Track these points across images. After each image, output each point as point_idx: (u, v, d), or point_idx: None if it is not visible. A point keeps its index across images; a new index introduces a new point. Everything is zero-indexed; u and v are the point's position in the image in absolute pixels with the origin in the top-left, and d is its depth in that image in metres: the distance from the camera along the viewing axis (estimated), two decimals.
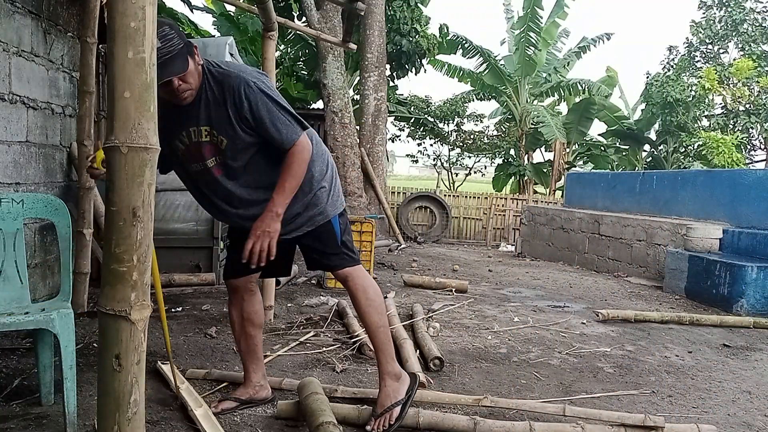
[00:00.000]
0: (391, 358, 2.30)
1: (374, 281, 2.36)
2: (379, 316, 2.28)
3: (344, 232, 2.33)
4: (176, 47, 1.99)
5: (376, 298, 2.28)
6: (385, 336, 2.28)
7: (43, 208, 2.46)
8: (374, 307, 2.27)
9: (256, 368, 2.47)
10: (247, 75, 2.12)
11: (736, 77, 14.91)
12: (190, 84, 2.08)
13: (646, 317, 4.45)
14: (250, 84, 2.08)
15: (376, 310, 2.27)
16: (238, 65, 2.22)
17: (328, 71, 8.87)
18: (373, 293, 2.28)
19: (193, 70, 2.09)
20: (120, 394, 1.24)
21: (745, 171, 8.66)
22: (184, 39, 2.07)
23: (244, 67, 2.21)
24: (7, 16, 3.28)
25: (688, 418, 2.58)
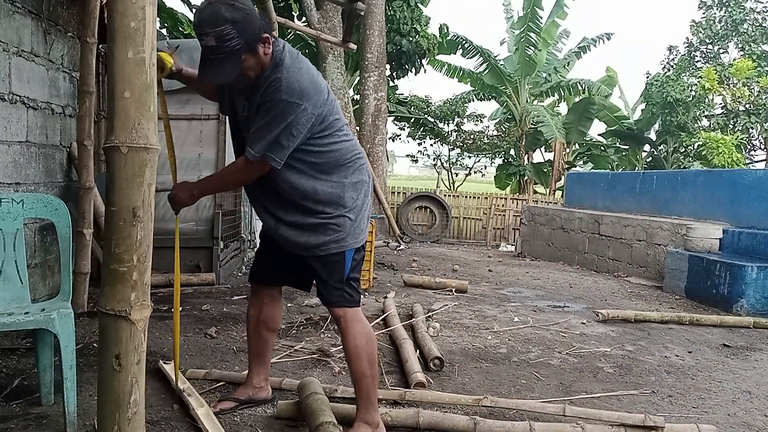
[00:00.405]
0: (373, 408, 2.15)
1: (369, 327, 2.19)
2: (367, 365, 2.12)
3: (354, 269, 2.18)
4: (232, 48, 1.92)
5: (366, 346, 2.13)
6: (370, 386, 2.14)
7: (43, 208, 2.46)
8: (363, 355, 2.12)
9: (260, 371, 2.45)
10: (287, 86, 2.00)
11: (736, 77, 14.91)
12: (249, 76, 2.04)
13: (646, 317, 4.45)
14: (281, 89, 1.99)
15: (364, 359, 2.12)
16: (298, 68, 2.05)
17: (328, 71, 8.87)
18: (365, 341, 2.13)
19: (254, 64, 2.02)
20: (120, 394, 1.24)
21: (745, 171, 8.66)
22: (249, 33, 1.94)
23: (296, 76, 2.02)
24: (7, 16, 3.28)
25: (688, 418, 2.58)
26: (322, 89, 2.09)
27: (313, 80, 2.07)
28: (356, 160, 2.20)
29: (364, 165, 2.25)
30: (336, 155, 2.14)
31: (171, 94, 5.02)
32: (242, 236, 6.31)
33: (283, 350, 3.24)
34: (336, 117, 2.15)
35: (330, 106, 2.11)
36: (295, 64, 2.05)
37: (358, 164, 2.20)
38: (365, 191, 2.23)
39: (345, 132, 2.19)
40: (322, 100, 2.06)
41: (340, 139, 2.15)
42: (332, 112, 2.13)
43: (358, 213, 2.17)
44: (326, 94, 2.10)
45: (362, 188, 2.21)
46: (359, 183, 2.19)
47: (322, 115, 2.06)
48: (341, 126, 2.18)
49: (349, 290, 2.17)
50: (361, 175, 2.20)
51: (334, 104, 2.16)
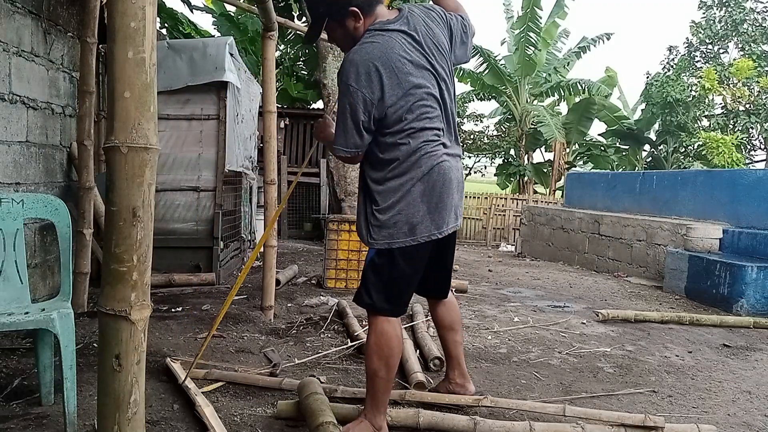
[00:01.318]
0: (377, 411, 2.14)
1: (394, 330, 2.15)
2: (379, 365, 2.12)
3: (376, 270, 2.15)
4: (317, 15, 2.14)
5: (382, 348, 2.12)
6: (378, 387, 2.13)
7: (43, 208, 2.46)
8: (378, 355, 2.13)
9: (452, 366, 2.58)
10: (342, 75, 2.05)
11: (736, 77, 14.91)
12: (342, 47, 2.20)
13: (646, 317, 4.45)
14: (340, 71, 2.07)
15: (378, 358, 2.12)
16: (362, 48, 2.04)
17: (328, 71, 8.85)
18: (384, 342, 2.12)
19: (342, 36, 2.16)
20: (120, 394, 1.24)
21: (745, 171, 8.66)
22: (333, 3, 2.09)
23: (354, 53, 2.04)
24: (7, 16, 3.28)
25: (688, 418, 2.58)
26: (375, 71, 2.00)
27: (367, 52, 2.02)
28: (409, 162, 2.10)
29: (420, 163, 2.11)
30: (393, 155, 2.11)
31: (171, 94, 5.04)
32: (242, 236, 6.31)
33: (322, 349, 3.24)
34: (405, 117, 2.07)
35: (395, 96, 2.04)
36: (363, 44, 2.05)
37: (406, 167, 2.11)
38: (413, 194, 2.10)
39: (407, 135, 2.09)
40: (376, 81, 2.00)
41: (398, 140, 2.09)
42: (402, 106, 2.05)
43: (403, 215, 2.09)
44: (386, 80, 2.02)
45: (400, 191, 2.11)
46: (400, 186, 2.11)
47: (380, 97, 2.02)
48: (407, 129, 2.08)
49: (364, 290, 2.17)
50: (401, 179, 2.11)
51: (405, 99, 2.06)
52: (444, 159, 2.13)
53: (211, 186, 5.14)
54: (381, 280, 2.14)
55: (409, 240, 2.09)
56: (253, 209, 7.16)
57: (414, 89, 2.06)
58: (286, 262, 6.49)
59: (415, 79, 2.07)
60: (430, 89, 2.11)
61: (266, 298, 3.95)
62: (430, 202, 2.10)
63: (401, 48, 2.05)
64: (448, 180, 2.13)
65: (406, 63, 2.05)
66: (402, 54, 2.05)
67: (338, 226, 5.21)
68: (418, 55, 2.09)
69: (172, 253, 5.00)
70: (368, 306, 2.17)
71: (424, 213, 2.10)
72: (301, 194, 10.79)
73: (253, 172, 6.90)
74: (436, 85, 2.13)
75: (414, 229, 2.09)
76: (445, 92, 2.17)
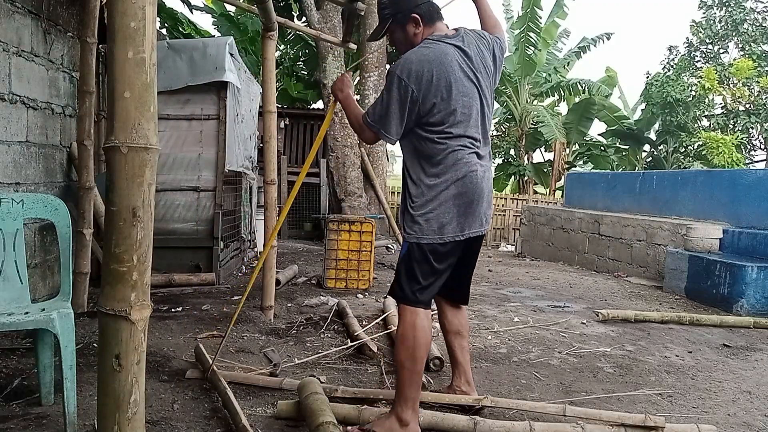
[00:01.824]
0: (405, 404, 2.17)
1: (423, 322, 2.22)
2: (408, 358, 2.19)
3: (407, 263, 2.26)
4: (383, 15, 2.35)
5: (408, 339, 2.20)
6: (404, 377, 2.19)
7: (43, 208, 2.46)
8: (406, 347, 2.20)
9: (457, 372, 2.58)
10: (394, 67, 2.23)
11: (736, 77, 14.90)
12: (400, 50, 2.38)
13: (646, 317, 4.45)
14: (391, 67, 2.24)
15: (405, 350, 2.20)
16: (417, 50, 2.25)
17: (328, 71, 8.86)
18: (411, 335, 2.20)
19: (401, 38, 2.37)
20: (120, 394, 1.24)
21: (745, 171, 8.66)
22: (398, 7, 2.30)
23: (411, 53, 2.25)
24: (7, 16, 3.28)
25: (688, 418, 2.58)
26: (429, 73, 2.17)
27: (423, 57, 2.20)
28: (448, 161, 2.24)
29: (458, 164, 2.24)
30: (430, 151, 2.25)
31: (171, 94, 5.04)
32: (242, 236, 6.31)
33: (323, 349, 3.24)
34: (447, 119, 2.21)
35: (440, 99, 2.18)
36: (421, 47, 2.26)
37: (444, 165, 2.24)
38: (447, 192, 2.22)
39: (450, 136, 2.23)
40: (425, 81, 2.16)
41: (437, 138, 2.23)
42: (443, 109, 2.20)
43: (440, 209, 2.22)
44: (435, 82, 2.17)
45: (445, 187, 2.23)
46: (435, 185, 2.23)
47: (425, 96, 2.17)
48: (447, 132, 2.22)
49: (399, 282, 2.29)
50: (455, 172, 2.23)
51: (449, 103, 2.20)
52: (477, 168, 2.26)
53: (211, 186, 5.14)
54: (410, 272, 2.25)
55: (436, 238, 2.22)
56: (253, 209, 7.16)
57: (459, 96, 2.22)
58: (286, 262, 6.49)
59: (462, 87, 2.23)
60: (473, 102, 2.27)
61: (266, 298, 3.95)
62: (460, 206, 2.23)
63: (454, 59, 2.23)
64: (480, 189, 2.26)
65: (456, 71, 2.22)
66: (453, 64, 2.22)
67: (338, 226, 5.21)
68: (468, 69, 2.26)
69: (172, 253, 5.00)
70: (398, 297, 2.29)
71: (453, 215, 2.22)
72: (301, 194, 10.78)
73: (253, 172, 6.90)
74: (478, 99, 2.29)
75: (442, 229, 2.22)
76: (485, 107, 2.33)
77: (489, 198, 2.35)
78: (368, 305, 4.51)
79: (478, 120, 2.29)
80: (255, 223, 7.23)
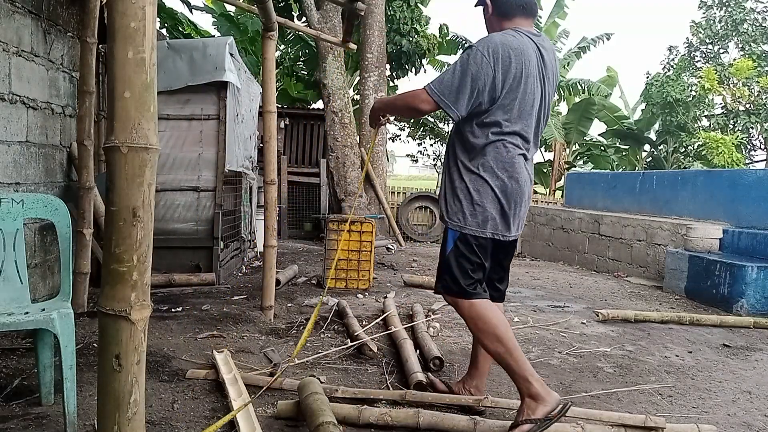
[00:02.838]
0: (524, 379, 2.19)
1: (485, 309, 2.25)
2: (494, 343, 2.23)
3: (457, 254, 2.27)
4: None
5: (485, 327, 2.24)
6: (509, 360, 2.22)
7: (43, 208, 2.46)
8: (485, 336, 2.24)
9: (473, 375, 2.58)
10: (477, 43, 2.24)
11: (736, 77, 14.91)
12: (486, 24, 2.44)
13: (646, 317, 4.45)
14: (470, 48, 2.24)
15: (488, 339, 2.24)
16: (504, 35, 2.26)
17: (328, 71, 8.86)
18: (483, 324, 2.24)
19: (486, 19, 2.41)
20: (120, 394, 1.24)
21: (745, 171, 8.65)
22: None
23: (495, 35, 2.26)
24: (7, 16, 3.28)
25: (688, 418, 2.58)
26: (508, 58, 2.17)
27: (506, 41, 2.20)
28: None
29: (507, 157, 2.25)
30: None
31: (171, 94, 5.04)
32: (242, 236, 6.31)
33: (323, 349, 3.24)
34: (508, 111, 2.21)
35: (513, 83, 2.18)
36: (505, 34, 2.26)
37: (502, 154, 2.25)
38: (503, 183, 2.25)
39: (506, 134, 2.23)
40: (503, 65, 2.16)
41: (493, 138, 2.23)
42: (507, 99, 2.20)
43: (488, 201, 2.25)
44: (512, 70, 2.17)
45: (498, 179, 2.25)
46: (498, 170, 2.24)
47: (501, 80, 2.16)
48: (504, 124, 2.22)
49: (446, 277, 2.30)
50: (508, 164, 2.25)
51: (517, 95, 2.21)
52: (523, 170, 2.29)
53: (211, 186, 5.14)
54: (459, 265, 2.27)
55: (479, 231, 2.25)
56: (253, 209, 7.16)
57: (526, 93, 2.23)
58: (286, 262, 6.49)
59: (530, 84, 2.24)
60: (535, 103, 2.28)
61: (266, 298, 3.95)
62: (503, 204, 2.25)
63: (531, 53, 2.25)
64: (521, 192, 2.29)
65: (529, 66, 2.23)
66: (532, 60, 2.24)
67: (338, 226, 5.21)
68: (540, 69, 2.29)
69: (172, 253, 5.00)
70: (453, 292, 2.30)
71: (497, 212, 2.25)
72: (301, 194, 10.79)
73: (253, 172, 6.90)
74: (539, 102, 2.30)
75: (486, 223, 2.25)
76: (542, 112, 2.34)
77: (527, 203, 2.36)
78: (368, 305, 4.51)
79: (533, 122, 2.29)
80: (255, 223, 7.23)
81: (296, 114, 11.10)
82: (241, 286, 5.02)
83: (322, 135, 10.62)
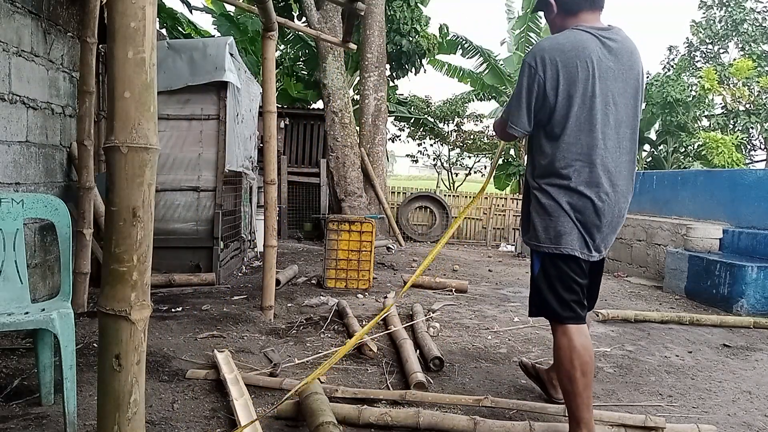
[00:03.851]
0: (577, 425, 2.09)
1: (576, 343, 2.10)
2: (567, 381, 2.10)
3: (546, 276, 2.15)
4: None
5: (564, 362, 2.11)
6: (571, 402, 2.10)
7: (43, 208, 2.46)
8: (562, 370, 2.13)
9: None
10: (532, 48, 2.16)
11: (736, 77, 14.90)
12: (549, 26, 2.34)
13: (646, 317, 4.45)
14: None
15: (563, 375, 2.12)
16: (556, 37, 2.16)
17: (328, 71, 8.86)
18: (565, 357, 2.10)
19: (549, 20, 2.30)
20: (120, 394, 1.24)
21: (745, 171, 8.65)
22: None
23: (545, 39, 2.17)
24: (7, 16, 3.28)
25: (688, 418, 2.58)
26: (563, 60, 2.04)
27: (556, 44, 2.08)
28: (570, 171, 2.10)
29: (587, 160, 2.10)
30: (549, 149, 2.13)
31: (171, 94, 5.04)
32: (242, 236, 6.31)
33: (324, 349, 3.24)
34: (569, 119, 2.06)
35: (571, 88, 2.04)
36: (558, 35, 2.16)
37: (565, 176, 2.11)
38: (584, 199, 2.11)
39: (569, 134, 2.08)
40: (555, 68, 2.04)
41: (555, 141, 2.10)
42: (572, 97, 2.04)
43: (566, 218, 2.12)
44: (569, 69, 2.03)
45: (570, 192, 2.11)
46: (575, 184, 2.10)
47: (554, 87, 2.05)
48: (568, 134, 2.07)
49: (538, 299, 2.20)
50: (587, 176, 2.10)
51: (585, 93, 2.04)
52: (595, 187, 2.11)
53: (211, 186, 5.14)
54: (547, 287, 2.16)
55: (552, 247, 2.12)
56: (253, 209, 7.16)
57: (587, 98, 2.06)
58: (286, 262, 6.49)
59: (594, 87, 2.06)
60: (600, 104, 2.07)
61: (266, 298, 3.95)
62: (578, 220, 2.11)
63: (594, 51, 2.06)
64: (599, 213, 2.13)
65: (592, 67, 2.05)
66: (592, 56, 2.06)
67: (338, 226, 5.21)
68: (613, 66, 2.08)
69: (172, 253, 5.01)
70: (549, 315, 2.19)
71: (572, 227, 2.11)
72: (301, 194, 10.79)
73: (253, 172, 6.90)
74: (609, 100, 2.09)
75: (559, 239, 2.11)
76: (619, 110, 2.12)
77: (613, 225, 2.21)
78: (368, 305, 4.51)
79: (598, 127, 2.07)
80: (255, 223, 7.23)
81: (296, 114, 11.10)
82: (241, 286, 5.02)
83: (322, 135, 10.62)
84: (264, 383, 2.64)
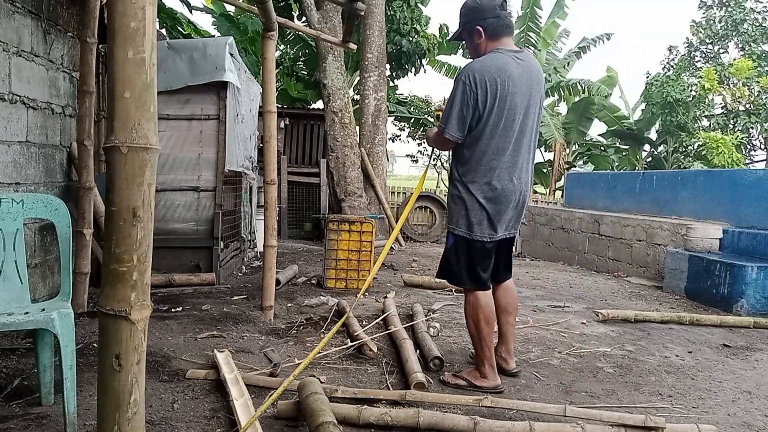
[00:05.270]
0: (480, 362, 2.76)
1: (477, 298, 2.74)
2: (474, 328, 2.75)
3: (457, 254, 2.73)
4: (460, 23, 2.75)
5: (472, 315, 2.76)
6: (476, 344, 2.77)
7: (43, 208, 2.46)
8: (470, 321, 2.78)
9: (501, 341, 3.03)
10: (465, 68, 2.62)
11: (736, 77, 14.90)
12: (469, 51, 2.80)
13: (646, 317, 4.45)
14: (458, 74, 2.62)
15: (471, 324, 2.77)
16: (484, 59, 2.63)
17: (328, 71, 8.86)
18: (471, 309, 2.76)
19: (469, 47, 2.77)
20: (120, 394, 1.24)
21: (745, 171, 8.66)
22: (466, 19, 2.70)
23: (476, 61, 2.64)
24: (7, 16, 3.28)
25: (688, 418, 2.58)
26: (490, 78, 2.52)
27: (484, 66, 2.55)
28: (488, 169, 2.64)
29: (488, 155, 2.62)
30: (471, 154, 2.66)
31: (171, 94, 5.04)
32: (242, 236, 6.31)
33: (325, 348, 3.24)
34: (491, 128, 2.58)
35: (494, 102, 2.53)
36: (486, 57, 2.62)
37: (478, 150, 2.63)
38: (492, 185, 2.64)
39: (490, 138, 2.60)
40: (484, 86, 2.52)
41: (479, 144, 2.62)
42: (495, 113, 2.55)
43: (480, 205, 2.65)
44: (494, 87, 2.52)
45: (486, 179, 2.64)
46: (487, 171, 2.63)
47: (483, 102, 2.53)
48: (489, 139, 2.59)
49: (446, 266, 2.81)
50: (488, 168, 2.63)
51: (504, 109, 2.56)
52: (505, 181, 2.63)
53: (211, 186, 5.14)
54: (456, 261, 2.74)
55: (465, 233, 2.68)
56: (253, 209, 7.16)
57: (504, 109, 2.55)
58: (286, 262, 6.49)
59: (512, 101, 2.55)
60: (518, 115, 2.58)
61: (266, 298, 3.95)
62: (488, 209, 2.65)
63: (512, 71, 2.55)
64: (507, 201, 2.66)
65: (510, 84, 2.54)
66: (511, 75, 2.55)
67: (338, 226, 5.21)
68: (524, 83, 2.58)
69: (172, 253, 5.01)
70: (458, 284, 2.85)
71: (483, 217, 2.65)
72: (301, 194, 10.79)
73: (253, 172, 6.90)
74: (525, 112, 2.61)
75: (471, 227, 2.67)
76: (529, 120, 2.64)
77: (518, 207, 2.74)
78: (368, 305, 4.51)
79: (514, 133, 2.60)
80: (255, 223, 7.23)
81: (296, 114, 11.10)
82: (241, 286, 5.02)
83: (322, 135, 10.62)
84: (264, 383, 2.64)
